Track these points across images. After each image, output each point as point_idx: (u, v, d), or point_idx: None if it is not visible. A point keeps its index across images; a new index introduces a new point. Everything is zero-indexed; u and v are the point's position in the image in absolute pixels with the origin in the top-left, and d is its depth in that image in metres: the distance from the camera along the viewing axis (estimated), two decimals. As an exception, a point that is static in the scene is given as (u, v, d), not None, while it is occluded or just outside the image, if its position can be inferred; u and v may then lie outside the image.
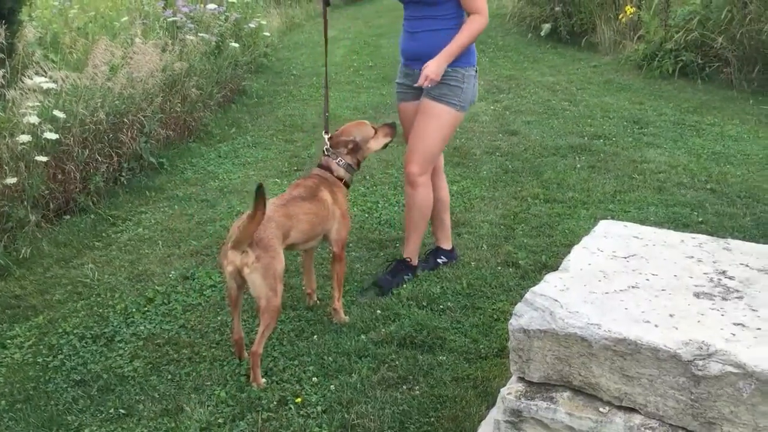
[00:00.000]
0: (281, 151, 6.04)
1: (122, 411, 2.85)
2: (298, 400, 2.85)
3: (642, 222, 4.21)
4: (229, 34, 8.15)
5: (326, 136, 3.44)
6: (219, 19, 8.17)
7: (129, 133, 5.35)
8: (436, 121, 3.51)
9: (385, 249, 4.16)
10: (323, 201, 3.26)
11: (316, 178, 3.36)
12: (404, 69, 3.67)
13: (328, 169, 3.40)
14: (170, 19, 7.50)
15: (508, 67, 8.95)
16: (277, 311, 2.94)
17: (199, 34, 7.37)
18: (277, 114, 7.22)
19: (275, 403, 2.85)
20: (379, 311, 3.45)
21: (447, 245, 3.92)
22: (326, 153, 3.43)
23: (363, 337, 3.26)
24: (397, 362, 3.06)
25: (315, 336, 3.30)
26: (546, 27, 10.23)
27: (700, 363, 1.98)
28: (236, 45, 7.90)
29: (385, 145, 3.55)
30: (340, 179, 3.39)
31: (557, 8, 10.09)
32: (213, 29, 7.84)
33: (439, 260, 3.88)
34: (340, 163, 3.40)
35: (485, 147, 5.95)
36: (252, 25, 8.93)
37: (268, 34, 9.74)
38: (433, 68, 3.37)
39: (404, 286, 3.66)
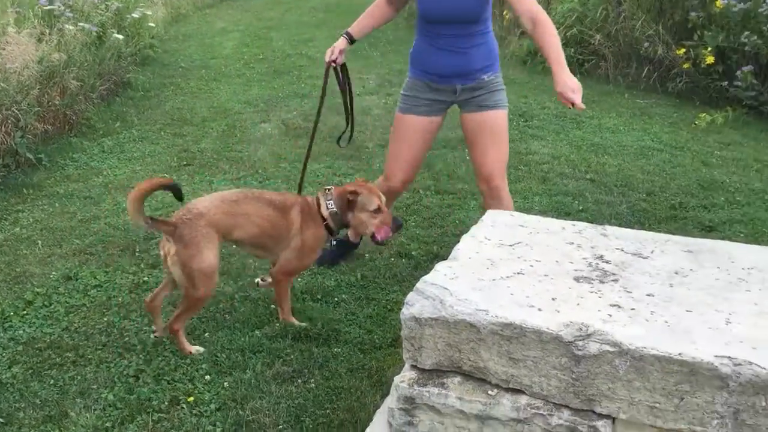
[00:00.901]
0: (170, 146, 5.87)
1: (0, 420, 2.69)
2: (191, 399, 2.79)
3: (527, 211, 4.37)
4: (110, 24, 7.82)
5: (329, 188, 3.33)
6: (99, 9, 7.83)
7: (3, 128, 5.04)
8: (504, 128, 3.50)
9: (278, 243, 4.13)
10: (289, 220, 3.17)
11: (302, 200, 3.27)
12: (433, 84, 3.48)
13: (317, 202, 3.27)
14: (46, 8, 7.11)
15: (399, 62, 9.05)
16: (196, 301, 3.00)
17: (78, 24, 7.03)
18: (164, 107, 7.00)
19: (166, 403, 2.77)
20: (273, 306, 3.42)
21: None
22: (325, 190, 3.30)
23: (257, 332, 3.22)
24: (292, 356, 3.05)
25: (207, 333, 3.24)
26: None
27: (580, 343, 2.08)
28: (119, 36, 7.60)
29: (373, 235, 3.28)
30: (323, 218, 3.25)
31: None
32: (93, 19, 7.50)
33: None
34: (330, 205, 3.24)
35: (378, 140, 6.00)
36: (135, 15, 8.61)
37: (153, 24, 9.42)
38: (574, 81, 3.12)
39: (298, 279, 3.65)
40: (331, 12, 12.61)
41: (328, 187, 3.31)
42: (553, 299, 2.29)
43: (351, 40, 3.65)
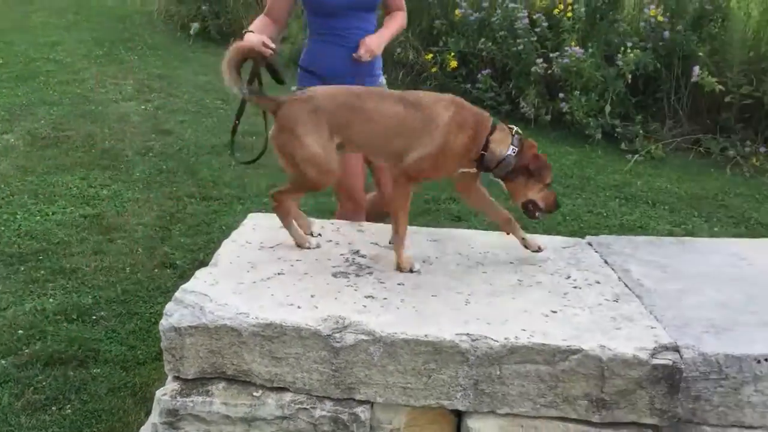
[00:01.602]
0: None
1: None
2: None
3: (294, 213, 4.44)
4: None
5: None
6: None
7: None
8: None
9: (26, 263, 3.80)
10: (432, 115, 2.51)
11: (457, 101, 2.59)
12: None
13: (492, 126, 2.56)
14: None
15: (159, 66, 8.72)
16: (309, 186, 2.67)
17: None
18: None
19: None
20: (21, 331, 3.15)
21: None
22: (510, 129, 2.59)
23: (2, 361, 2.95)
24: (44, 383, 2.83)
25: (-58, 369, 2.90)
26: (195, 26, 10.17)
27: (338, 335, 2.17)
28: None
29: (526, 205, 2.64)
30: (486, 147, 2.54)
31: (204, 7, 10.11)
32: None
33: None
34: (512, 146, 2.53)
35: (137, 148, 5.74)
36: None
37: None
38: (376, 43, 3.08)
39: (50, 300, 3.39)
40: (82, 14, 11.81)
41: (514, 127, 2.62)
42: (312, 296, 2.37)
43: None
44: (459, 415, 2.22)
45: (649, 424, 2.13)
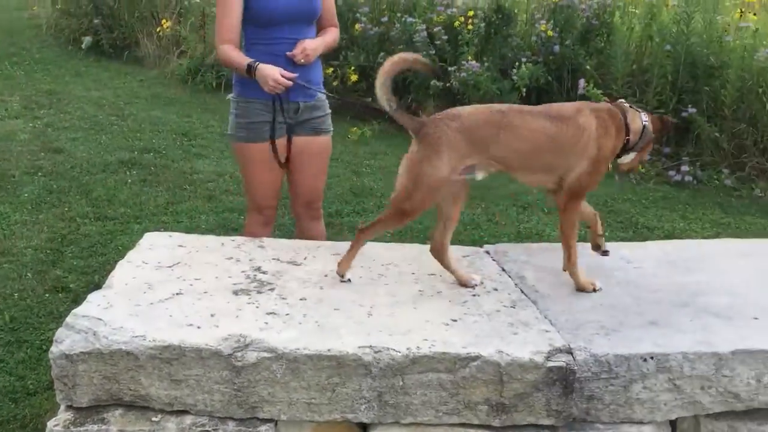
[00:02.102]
0: None
1: None
2: None
3: (194, 230, 4.35)
4: None
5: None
6: None
7: None
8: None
9: None
10: (580, 127, 2.51)
11: (591, 106, 2.61)
12: (275, 104, 3.07)
13: (621, 110, 2.61)
14: None
15: (48, 81, 8.37)
16: (396, 213, 2.53)
17: None
18: None
19: None
20: None
21: None
22: (621, 103, 2.67)
23: None
24: None
25: None
26: (87, 40, 9.84)
27: (239, 354, 2.14)
28: None
29: (626, 167, 2.76)
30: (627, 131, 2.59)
31: (96, 21, 9.78)
32: None
33: None
34: (644, 120, 2.62)
35: (25, 167, 5.48)
36: None
37: None
38: (312, 45, 3.06)
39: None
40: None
41: (621, 100, 2.71)
42: (212, 315, 2.32)
43: None
44: (364, 428, 2.23)
45: (546, 425, 2.20)
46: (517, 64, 6.43)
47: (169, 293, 2.46)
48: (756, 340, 2.26)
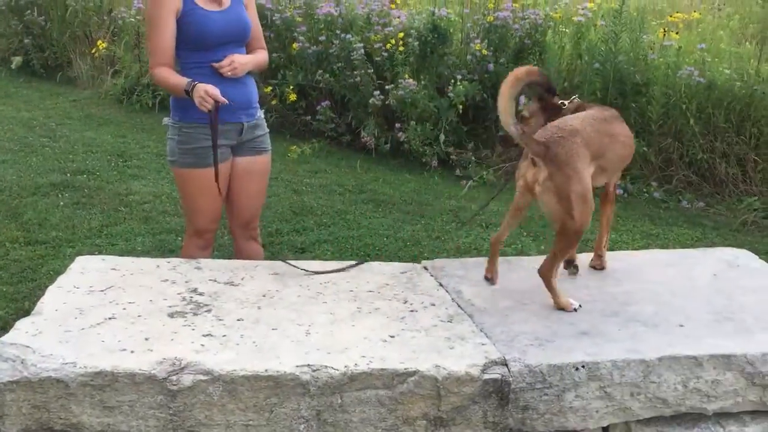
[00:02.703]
0: None
1: None
2: None
3: (130, 252, 4.27)
4: None
5: None
6: None
7: None
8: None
9: None
10: (630, 133, 2.87)
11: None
12: (224, 126, 3.04)
13: None
14: None
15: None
16: (574, 235, 2.55)
17: None
18: None
19: None
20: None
21: None
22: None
23: None
24: None
25: None
26: (17, 60, 9.58)
27: (174, 378, 2.11)
28: None
29: None
30: None
31: (26, 41, 9.54)
32: None
33: None
34: None
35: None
36: None
37: None
38: (241, 60, 3.07)
39: None
40: None
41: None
42: (146, 339, 2.28)
43: None
44: (304, 448, 2.22)
45: (484, 438, 2.23)
46: (453, 81, 6.54)
47: (101, 318, 2.41)
48: (681, 347, 2.35)
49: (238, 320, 2.44)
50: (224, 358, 2.18)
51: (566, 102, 2.85)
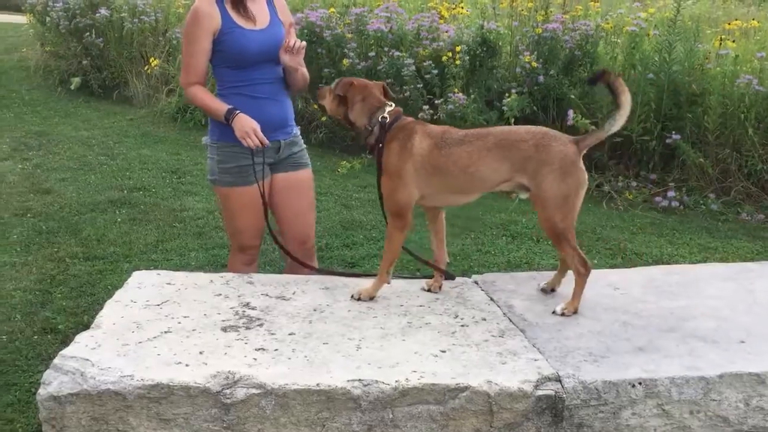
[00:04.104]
0: None
1: None
2: None
3: (184, 267, 4.35)
4: None
5: None
6: None
7: None
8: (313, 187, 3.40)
9: None
10: None
11: None
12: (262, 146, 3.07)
13: None
14: None
15: (38, 123, 8.41)
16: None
17: None
18: None
19: None
20: None
21: None
22: None
23: None
24: None
25: None
26: (76, 80, 9.91)
27: (228, 391, 2.14)
28: None
29: None
30: None
31: (85, 62, 9.86)
32: None
33: None
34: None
35: (14, 209, 5.48)
36: None
37: None
38: (301, 44, 3.12)
39: None
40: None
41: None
42: (200, 353, 2.32)
43: None
44: (355, 463, 2.22)
45: (538, 455, 2.20)
46: (506, 94, 6.51)
47: (157, 331, 2.46)
48: (743, 364, 2.27)
49: (290, 334, 2.45)
50: (276, 371, 2.20)
51: None
